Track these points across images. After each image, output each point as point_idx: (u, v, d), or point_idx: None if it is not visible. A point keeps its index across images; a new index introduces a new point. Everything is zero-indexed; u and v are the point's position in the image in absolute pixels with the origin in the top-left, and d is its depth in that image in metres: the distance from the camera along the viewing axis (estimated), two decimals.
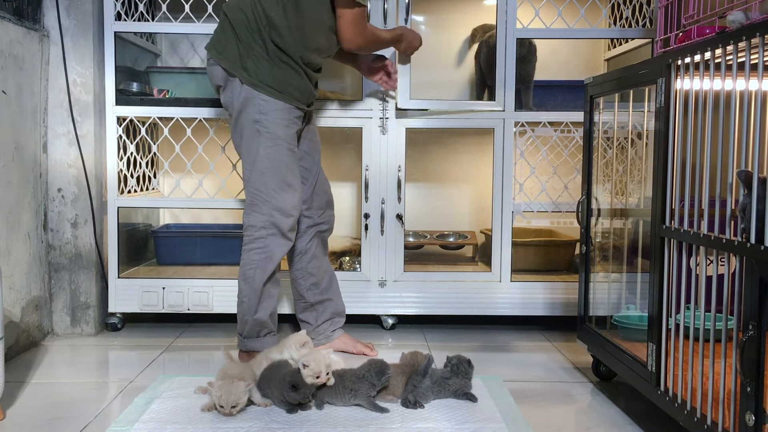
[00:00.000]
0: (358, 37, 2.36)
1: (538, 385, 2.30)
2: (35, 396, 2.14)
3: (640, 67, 1.93)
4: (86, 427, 1.89)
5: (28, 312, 2.64)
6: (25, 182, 2.64)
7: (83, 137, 2.82)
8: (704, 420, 1.52)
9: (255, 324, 2.39)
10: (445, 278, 2.92)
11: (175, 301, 2.88)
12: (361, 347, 2.58)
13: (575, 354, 2.62)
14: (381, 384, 2.02)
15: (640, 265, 2.42)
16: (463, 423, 1.91)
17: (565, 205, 2.90)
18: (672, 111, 1.72)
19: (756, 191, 1.34)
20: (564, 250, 3.18)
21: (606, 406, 2.10)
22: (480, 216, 3.49)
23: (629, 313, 2.30)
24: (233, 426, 1.87)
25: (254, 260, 2.34)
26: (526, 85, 2.99)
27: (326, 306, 2.59)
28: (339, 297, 2.64)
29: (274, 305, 2.43)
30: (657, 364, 1.77)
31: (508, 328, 3.01)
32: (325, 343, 2.57)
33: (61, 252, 2.85)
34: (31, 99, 2.68)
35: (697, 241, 1.59)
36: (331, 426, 1.87)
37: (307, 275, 2.55)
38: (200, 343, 2.76)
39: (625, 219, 2.47)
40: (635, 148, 2.71)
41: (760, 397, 1.32)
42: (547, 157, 2.93)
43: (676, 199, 1.71)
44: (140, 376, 2.34)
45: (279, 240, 2.35)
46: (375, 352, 2.57)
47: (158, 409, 2.00)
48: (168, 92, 3.01)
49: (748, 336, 1.34)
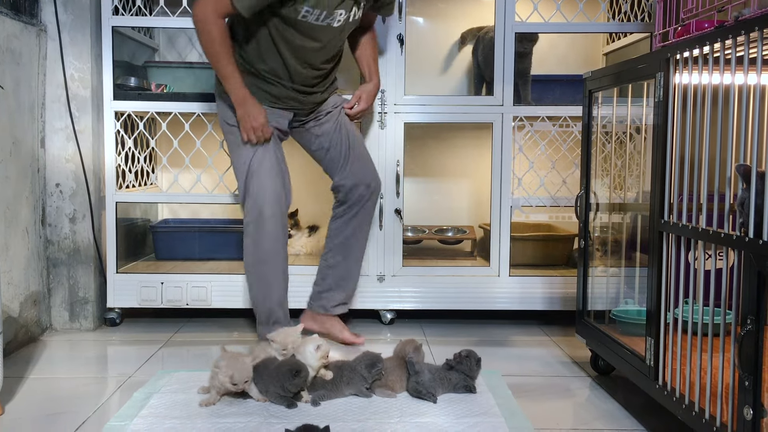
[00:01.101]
0: (195, 20, 2.30)
1: (536, 380, 2.30)
2: (34, 391, 2.14)
3: (639, 62, 1.93)
4: (85, 422, 1.89)
5: (26, 307, 2.64)
6: (23, 177, 2.64)
7: (81, 132, 2.82)
8: (702, 414, 1.52)
9: (262, 311, 2.49)
10: (443, 273, 2.92)
11: (173, 296, 2.88)
12: (348, 335, 2.61)
13: (574, 348, 2.62)
14: (372, 377, 2.03)
15: (639, 259, 2.43)
16: (461, 417, 1.91)
17: (563, 200, 2.90)
18: (671, 105, 1.72)
19: (754, 185, 1.34)
20: (562, 244, 3.18)
21: (604, 400, 2.10)
22: (479, 211, 3.49)
23: (628, 307, 2.30)
24: (232, 420, 1.87)
25: (247, 247, 2.48)
26: (524, 80, 2.99)
27: (340, 284, 2.66)
28: (351, 282, 2.70)
29: (279, 294, 2.48)
30: (655, 358, 1.77)
31: (506, 322, 3.01)
32: (321, 313, 2.64)
33: (59, 247, 2.85)
34: (28, 94, 2.67)
35: (696, 236, 1.59)
36: (329, 420, 1.87)
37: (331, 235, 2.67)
38: (199, 338, 2.77)
39: (623, 213, 2.47)
40: (634, 143, 2.71)
41: (758, 391, 1.32)
42: (546, 152, 2.93)
43: (674, 193, 1.71)
44: (139, 371, 2.34)
45: (262, 225, 2.43)
46: (361, 340, 2.59)
47: (157, 404, 2.00)
48: (166, 87, 3.00)
49: (746, 330, 1.34)
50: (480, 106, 2.88)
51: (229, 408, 1.96)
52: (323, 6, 2.29)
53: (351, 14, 2.40)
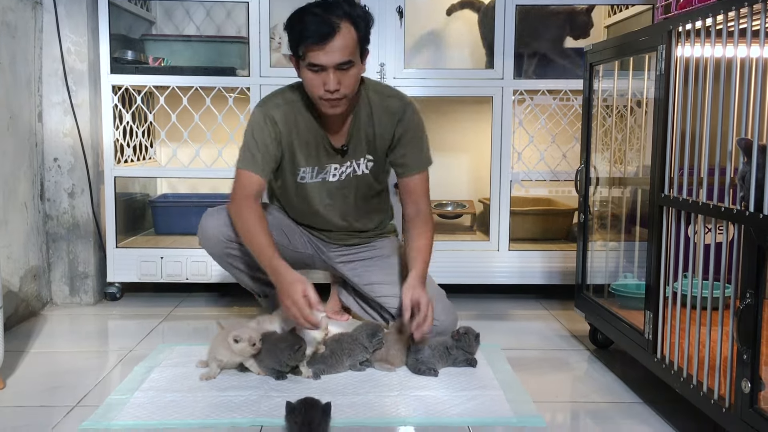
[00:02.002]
0: (229, 204, 2.21)
1: (535, 353, 2.31)
2: (35, 365, 2.15)
3: (641, 34, 1.91)
4: (86, 395, 1.90)
5: (26, 281, 2.65)
6: (21, 152, 2.63)
7: (78, 106, 2.80)
8: (700, 387, 1.53)
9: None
10: (443, 247, 2.92)
11: (173, 270, 2.88)
12: (332, 315, 2.50)
13: (572, 322, 2.63)
14: (373, 346, 2.04)
15: (638, 233, 2.43)
16: (460, 390, 1.92)
17: (563, 174, 2.89)
18: (672, 78, 1.70)
19: (756, 159, 1.33)
20: (562, 219, 3.18)
21: (602, 373, 2.12)
22: (478, 185, 3.48)
23: (627, 281, 2.31)
24: (233, 394, 1.88)
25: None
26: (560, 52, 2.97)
27: None
28: None
29: (238, 277, 2.43)
30: (654, 331, 1.78)
31: (506, 296, 3.02)
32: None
33: (58, 222, 2.84)
34: (25, 68, 2.65)
35: (696, 210, 1.58)
36: (330, 393, 1.88)
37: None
38: (199, 313, 2.77)
39: (623, 188, 2.47)
40: (635, 117, 2.69)
41: (757, 364, 1.33)
42: (546, 126, 2.91)
43: (675, 167, 1.71)
44: (140, 345, 2.35)
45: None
46: (345, 318, 2.50)
47: (158, 377, 2.01)
48: (163, 60, 2.98)
49: (745, 304, 1.34)
50: (480, 80, 2.86)
51: (230, 381, 1.97)
52: (313, 160, 2.24)
53: (348, 169, 2.28)
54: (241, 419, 1.72)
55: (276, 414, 1.74)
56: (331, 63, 2.00)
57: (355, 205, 2.35)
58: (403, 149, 2.25)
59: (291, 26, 2.05)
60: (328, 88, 2.02)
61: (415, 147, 2.27)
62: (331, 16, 1.99)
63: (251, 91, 2.82)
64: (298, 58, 2.06)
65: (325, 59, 1.99)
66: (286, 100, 2.20)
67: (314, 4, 2.05)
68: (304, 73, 2.07)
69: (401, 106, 2.24)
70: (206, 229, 2.33)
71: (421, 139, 2.28)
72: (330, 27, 1.97)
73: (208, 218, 2.34)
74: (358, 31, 2.03)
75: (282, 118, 2.18)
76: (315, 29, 1.97)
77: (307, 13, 2.01)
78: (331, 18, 1.98)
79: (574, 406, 1.88)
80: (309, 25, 1.98)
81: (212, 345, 2.05)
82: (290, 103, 2.20)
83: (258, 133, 2.16)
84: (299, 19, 2.02)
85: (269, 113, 2.18)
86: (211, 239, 2.32)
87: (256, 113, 2.20)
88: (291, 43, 2.06)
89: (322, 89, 2.04)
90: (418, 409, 1.80)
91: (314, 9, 2.02)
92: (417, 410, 1.79)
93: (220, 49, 3.03)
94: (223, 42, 3.08)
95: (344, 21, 2.00)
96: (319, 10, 2.00)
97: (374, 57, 2.79)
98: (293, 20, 2.04)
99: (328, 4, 2.03)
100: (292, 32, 2.04)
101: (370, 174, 2.30)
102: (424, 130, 2.30)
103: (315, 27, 1.98)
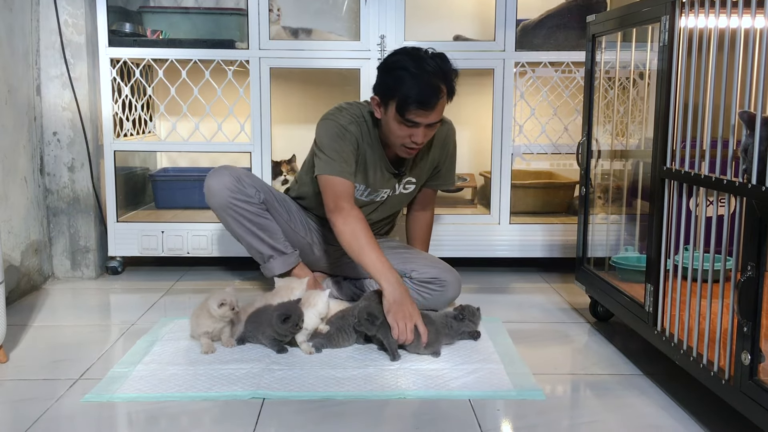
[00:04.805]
0: (329, 214, 2.20)
1: (536, 326, 2.32)
2: (38, 339, 2.16)
3: (644, 5, 1.88)
4: (89, 369, 1.91)
5: (27, 256, 2.65)
6: (20, 126, 2.61)
7: (77, 80, 2.78)
8: (700, 359, 1.54)
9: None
10: (444, 221, 2.91)
11: (174, 244, 2.88)
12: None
13: (573, 295, 2.64)
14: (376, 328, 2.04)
15: (639, 206, 2.42)
16: (461, 363, 1.93)
17: (565, 147, 2.88)
18: (675, 50, 1.69)
19: (758, 132, 1.32)
20: (563, 192, 3.17)
21: (602, 345, 2.12)
22: (479, 158, 3.47)
23: (627, 254, 2.31)
24: (234, 367, 1.89)
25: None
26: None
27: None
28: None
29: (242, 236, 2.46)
30: (654, 304, 1.78)
31: (506, 269, 3.03)
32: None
33: (59, 196, 2.84)
34: (22, 40, 2.63)
35: (698, 183, 1.58)
36: (331, 367, 1.89)
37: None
38: (200, 286, 2.78)
39: (625, 160, 2.46)
40: (637, 89, 2.67)
41: (757, 336, 1.33)
42: (548, 98, 2.89)
43: (677, 140, 1.70)
44: (141, 318, 2.36)
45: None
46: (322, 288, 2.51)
47: (160, 351, 2.02)
48: (162, 33, 2.95)
49: (746, 276, 1.34)
50: (481, 52, 2.84)
51: (231, 355, 1.98)
52: (370, 185, 2.34)
53: (394, 191, 2.41)
54: (242, 392, 1.73)
55: (276, 387, 1.75)
56: (427, 122, 2.11)
57: (378, 217, 2.48)
58: (443, 169, 2.47)
59: (399, 80, 2.07)
60: (416, 140, 2.12)
61: (452, 167, 2.51)
62: (440, 83, 2.06)
63: (250, 63, 2.80)
64: (387, 106, 2.12)
65: (424, 120, 2.10)
66: (354, 118, 2.26)
67: (421, 60, 2.08)
68: (392, 121, 2.13)
69: (446, 130, 2.41)
70: (211, 185, 2.39)
71: (455, 159, 2.50)
72: (438, 96, 2.07)
73: (213, 173, 2.41)
74: (449, 96, 2.13)
75: (357, 132, 2.25)
76: (427, 97, 2.05)
77: (422, 73, 2.05)
78: (439, 84, 2.06)
79: (574, 379, 1.89)
80: (423, 90, 2.05)
81: (192, 323, 2.08)
82: (359, 123, 2.26)
83: (339, 142, 2.22)
84: (411, 77, 2.05)
85: (346, 127, 2.24)
86: (216, 190, 2.38)
87: (330, 125, 2.24)
88: (390, 92, 2.10)
89: (408, 140, 2.14)
90: (417, 382, 1.81)
91: (427, 68, 2.06)
92: (417, 383, 1.80)
93: (218, 21, 3.00)
94: (222, 14, 3.04)
95: (444, 85, 2.08)
96: (428, 76, 2.05)
97: (374, 28, 2.77)
98: (403, 74, 2.06)
99: (437, 66, 2.07)
100: (399, 87, 2.06)
101: (407, 194, 2.46)
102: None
103: (428, 94, 2.05)
